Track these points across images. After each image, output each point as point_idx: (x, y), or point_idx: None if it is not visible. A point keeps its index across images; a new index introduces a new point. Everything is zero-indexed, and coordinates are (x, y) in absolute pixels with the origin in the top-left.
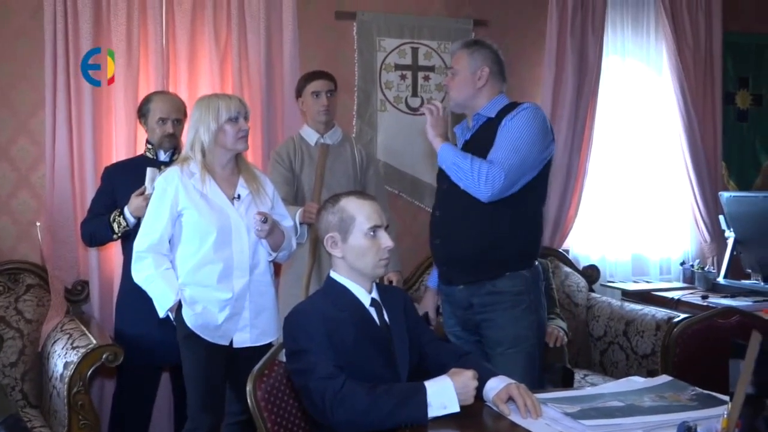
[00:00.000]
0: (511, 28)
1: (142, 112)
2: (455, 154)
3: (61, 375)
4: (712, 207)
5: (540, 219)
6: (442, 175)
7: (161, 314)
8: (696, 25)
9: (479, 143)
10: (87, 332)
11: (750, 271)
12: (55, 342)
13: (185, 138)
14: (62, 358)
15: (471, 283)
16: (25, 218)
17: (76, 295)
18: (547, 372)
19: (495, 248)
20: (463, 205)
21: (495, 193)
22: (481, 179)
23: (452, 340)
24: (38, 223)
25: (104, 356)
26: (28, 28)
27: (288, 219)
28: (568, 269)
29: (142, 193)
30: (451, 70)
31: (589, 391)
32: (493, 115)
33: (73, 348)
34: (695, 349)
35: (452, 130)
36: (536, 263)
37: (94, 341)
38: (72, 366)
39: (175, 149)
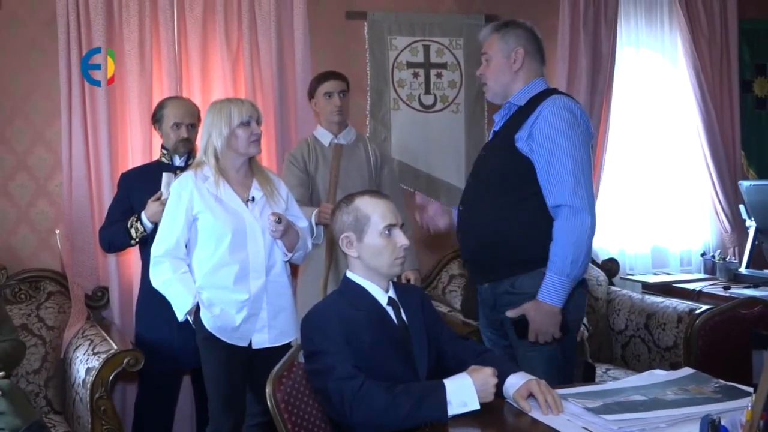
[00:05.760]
0: None
1: (157, 118)
2: (554, 269)
3: (84, 381)
4: (732, 197)
5: None
6: (473, 168)
7: (180, 317)
8: (711, 13)
9: (508, 133)
10: (108, 338)
11: None
12: (76, 348)
13: (200, 142)
14: (84, 364)
15: (493, 281)
16: (44, 227)
17: (97, 301)
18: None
19: (512, 245)
20: (482, 200)
21: (592, 212)
22: (577, 228)
23: (485, 342)
24: (57, 231)
25: (125, 361)
26: (41, 40)
27: (303, 220)
28: None
29: (159, 199)
30: (484, 57)
31: (611, 385)
32: (523, 103)
33: (95, 354)
34: (718, 340)
35: (492, 117)
36: None
37: (115, 347)
38: (94, 371)
39: (190, 154)
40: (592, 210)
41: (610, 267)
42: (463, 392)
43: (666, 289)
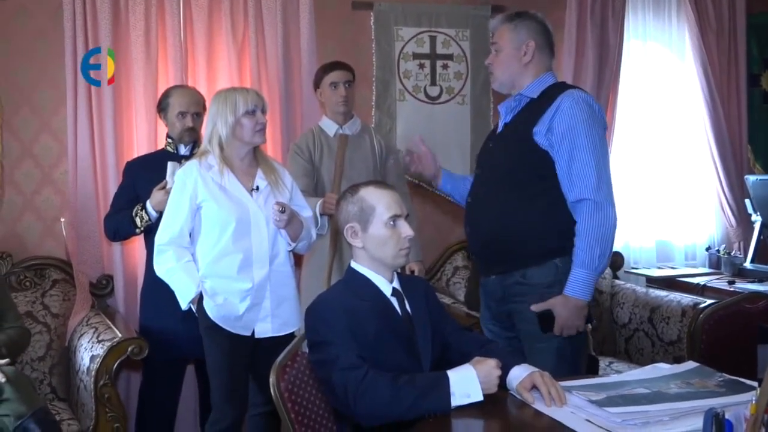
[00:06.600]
0: None
1: (162, 107)
2: (580, 263)
3: (88, 368)
4: (737, 191)
5: None
6: (479, 160)
7: (183, 306)
8: (719, 7)
9: (519, 125)
10: (112, 326)
11: None
12: (81, 336)
13: (205, 131)
14: (88, 352)
15: (501, 273)
16: (49, 215)
17: (101, 289)
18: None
19: (524, 238)
20: (491, 192)
21: (614, 205)
22: (603, 222)
23: (486, 335)
24: (62, 219)
25: (129, 349)
26: (47, 28)
27: (307, 210)
28: None
29: (164, 187)
30: (494, 46)
31: (614, 378)
32: (535, 96)
33: (99, 342)
34: (722, 334)
35: (497, 108)
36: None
37: (120, 335)
38: (98, 359)
39: (195, 143)
40: (614, 203)
41: (615, 260)
42: (466, 383)
43: (670, 283)
